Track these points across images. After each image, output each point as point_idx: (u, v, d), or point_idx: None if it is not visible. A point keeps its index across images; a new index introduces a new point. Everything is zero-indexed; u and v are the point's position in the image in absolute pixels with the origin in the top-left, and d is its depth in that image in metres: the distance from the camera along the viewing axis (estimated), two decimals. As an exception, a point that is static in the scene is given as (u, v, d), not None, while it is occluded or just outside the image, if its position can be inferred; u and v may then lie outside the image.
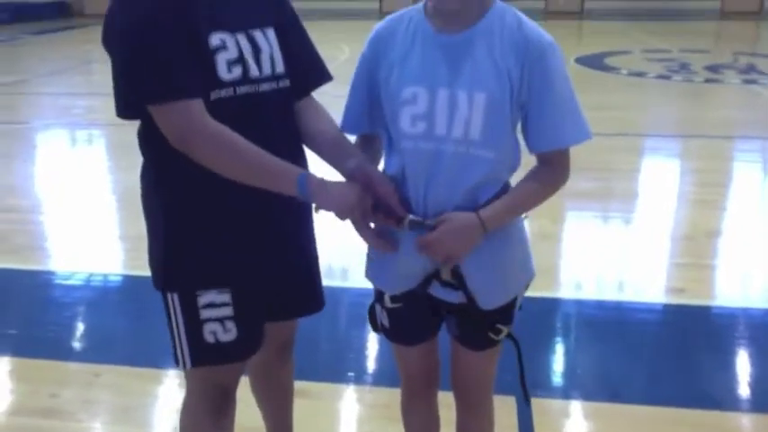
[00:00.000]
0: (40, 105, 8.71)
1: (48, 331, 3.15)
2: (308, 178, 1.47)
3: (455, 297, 1.59)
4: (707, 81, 9.09)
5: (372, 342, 3.00)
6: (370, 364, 2.88)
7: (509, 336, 1.65)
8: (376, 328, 1.77)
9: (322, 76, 1.74)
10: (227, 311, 1.61)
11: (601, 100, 7.62)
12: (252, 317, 1.66)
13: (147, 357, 2.88)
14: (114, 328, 3.21)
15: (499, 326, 1.62)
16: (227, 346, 1.63)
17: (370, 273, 1.69)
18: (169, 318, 1.64)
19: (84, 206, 4.92)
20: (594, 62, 10.49)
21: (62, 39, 15.38)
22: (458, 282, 1.56)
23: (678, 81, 9.11)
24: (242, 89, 1.53)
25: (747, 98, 8.20)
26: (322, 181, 1.48)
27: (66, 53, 12.98)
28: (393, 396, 1.96)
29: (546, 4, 18.30)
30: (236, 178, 1.49)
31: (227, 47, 1.50)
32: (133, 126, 1.55)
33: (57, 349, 2.99)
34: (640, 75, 9.50)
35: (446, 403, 1.84)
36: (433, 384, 1.83)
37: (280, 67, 1.61)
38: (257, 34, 1.57)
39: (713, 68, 9.89)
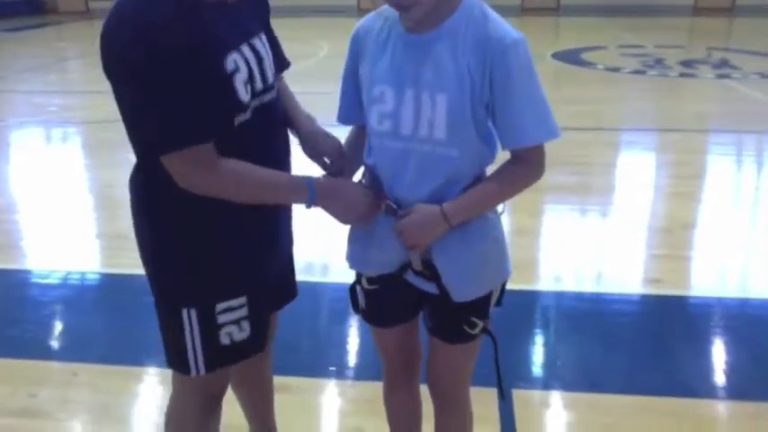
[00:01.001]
0: (15, 103, 8.58)
1: (25, 330, 3.12)
2: (316, 186, 1.52)
3: (429, 287, 1.61)
4: (681, 76, 9.21)
5: (354, 336, 3.01)
6: (352, 359, 2.88)
7: (485, 331, 1.66)
8: (356, 309, 1.79)
9: (285, 62, 1.77)
10: (244, 312, 1.61)
11: (578, 95, 7.69)
12: (262, 312, 1.69)
13: (125, 355, 2.86)
14: (92, 327, 3.18)
15: (474, 319, 1.63)
16: (241, 345, 1.64)
17: (348, 254, 1.71)
18: (180, 330, 1.59)
19: (61, 204, 4.86)
20: (571, 57, 10.57)
21: (37, 36, 15.16)
22: (430, 272, 1.58)
23: (653, 76, 9.21)
24: (253, 104, 1.53)
25: (721, 92, 8.31)
26: (329, 184, 1.55)
27: (41, 50, 12.80)
28: (376, 390, 1.96)
29: (522, 0, 18.39)
30: (252, 203, 1.52)
31: (239, 68, 1.47)
32: (108, 123, 1.51)
33: (34, 348, 2.96)
34: (616, 70, 9.59)
35: (428, 397, 1.85)
36: (412, 370, 1.85)
37: (273, 73, 1.62)
38: (257, 42, 1.56)
39: (687, 63, 10.01)
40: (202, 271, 1.57)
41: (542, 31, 13.82)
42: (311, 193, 1.52)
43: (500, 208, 1.62)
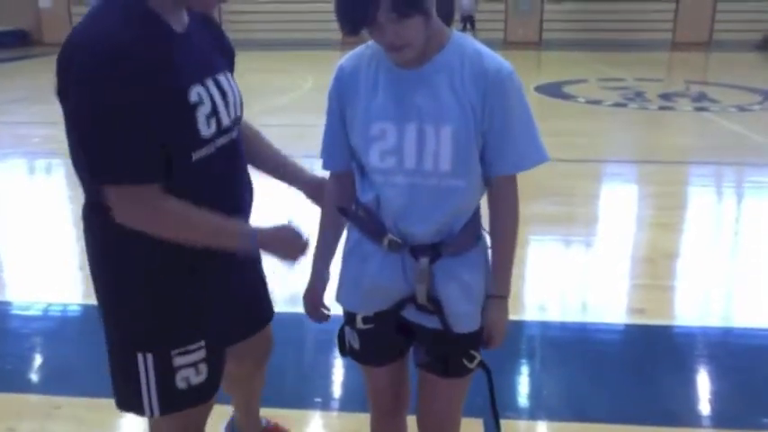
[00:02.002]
0: (-2, 134, 8.55)
1: (5, 363, 3.07)
2: (258, 235, 1.53)
3: (429, 321, 1.60)
4: (661, 108, 9.36)
5: (339, 368, 2.99)
6: (338, 390, 2.86)
7: (481, 364, 1.66)
8: (344, 352, 1.77)
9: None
10: (201, 354, 1.58)
11: (560, 127, 7.78)
12: (218, 355, 1.65)
13: (106, 388, 2.78)
14: (73, 359, 3.13)
15: (473, 352, 1.63)
16: (198, 388, 1.60)
17: (342, 296, 1.69)
18: (135, 374, 1.56)
19: (43, 236, 4.82)
20: (553, 90, 10.72)
21: (21, 67, 15.16)
22: (433, 306, 1.57)
23: (633, 108, 9.36)
24: (219, 142, 1.50)
25: (700, 125, 8.46)
26: (270, 233, 1.54)
27: (26, 82, 12.78)
28: (361, 422, 1.95)
29: (505, 34, 18.70)
30: (191, 244, 1.48)
31: (203, 101, 1.44)
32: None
33: (15, 381, 2.91)
34: (597, 102, 9.73)
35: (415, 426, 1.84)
36: (402, 404, 1.84)
37: (239, 110, 1.60)
38: (222, 79, 1.54)
39: (666, 96, 10.19)
40: (160, 316, 1.53)
41: (525, 65, 14.03)
42: (252, 242, 1.52)
43: (489, 241, 1.65)
